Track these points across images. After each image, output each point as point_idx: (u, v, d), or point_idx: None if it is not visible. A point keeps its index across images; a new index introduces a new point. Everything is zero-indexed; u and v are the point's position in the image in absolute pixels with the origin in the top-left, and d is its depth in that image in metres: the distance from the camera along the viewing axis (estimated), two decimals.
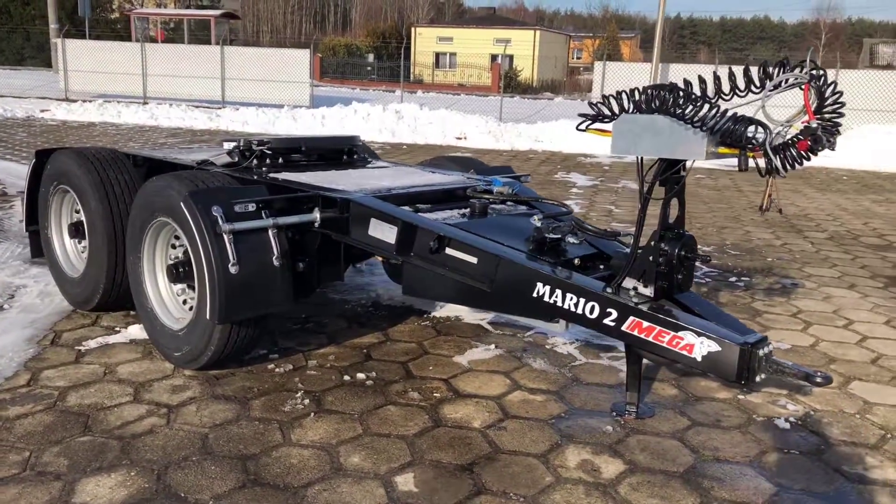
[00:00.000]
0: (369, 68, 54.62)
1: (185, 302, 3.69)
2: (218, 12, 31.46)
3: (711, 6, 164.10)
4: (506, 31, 65.89)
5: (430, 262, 3.18)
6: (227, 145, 4.14)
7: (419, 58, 64.56)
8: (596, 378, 3.69)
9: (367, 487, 2.64)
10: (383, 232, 3.25)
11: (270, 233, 3.26)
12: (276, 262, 3.26)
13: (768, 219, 8.43)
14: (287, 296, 3.36)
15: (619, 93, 2.86)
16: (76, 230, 4.27)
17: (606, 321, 2.83)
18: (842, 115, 2.47)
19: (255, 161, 4.03)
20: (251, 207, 3.21)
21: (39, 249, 4.60)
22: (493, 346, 4.04)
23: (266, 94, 20.11)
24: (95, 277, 4.04)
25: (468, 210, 3.54)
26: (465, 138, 16.19)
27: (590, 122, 2.97)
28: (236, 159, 4.08)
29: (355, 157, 4.59)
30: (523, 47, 63.52)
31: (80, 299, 4.21)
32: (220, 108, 19.11)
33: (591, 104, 2.95)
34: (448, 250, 3.14)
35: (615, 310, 2.80)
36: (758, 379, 2.63)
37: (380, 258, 4.59)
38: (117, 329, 4.07)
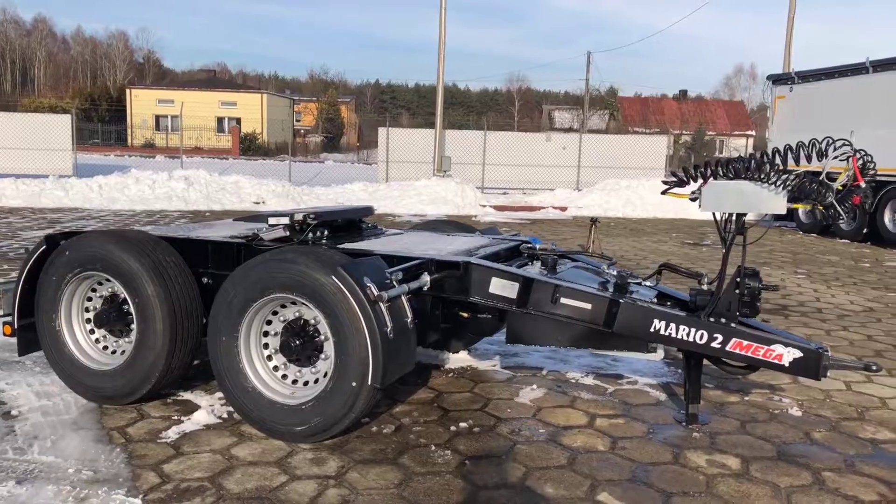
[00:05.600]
0: (88, 132, 50.47)
1: (284, 377, 3.69)
2: None
3: (408, 74, 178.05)
4: (231, 94, 65.27)
5: (548, 312, 3.66)
6: (274, 220, 4.18)
7: (137, 120, 61.17)
8: (638, 400, 4.37)
9: None
10: (504, 289, 3.66)
11: (404, 298, 3.49)
12: (410, 325, 3.50)
13: None
14: (415, 356, 3.60)
15: (696, 165, 3.66)
16: (107, 318, 3.96)
17: (714, 344, 3.55)
18: (875, 179, 3.50)
19: (309, 235, 4.14)
20: (400, 276, 3.42)
21: (30, 345, 4.14)
22: (535, 387, 4.54)
23: (14, 164, 18.03)
24: (149, 366, 3.81)
25: (541, 264, 4.06)
26: (264, 203, 16.12)
27: (670, 187, 3.72)
28: (287, 234, 4.16)
29: (368, 226, 4.84)
30: (250, 110, 63.37)
31: (119, 392, 3.90)
32: None
33: (672, 173, 3.71)
34: (563, 300, 3.65)
35: (721, 334, 3.54)
36: (828, 374, 3.53)
37: None
38: (176, 418, 3.86)
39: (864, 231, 12.98)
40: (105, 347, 4.11)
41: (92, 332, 4.11)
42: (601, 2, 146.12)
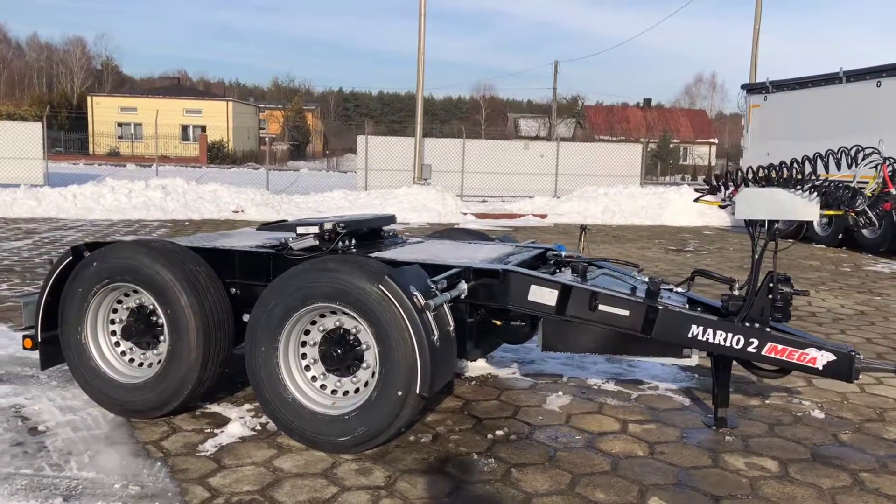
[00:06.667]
0: (51, 140, 49.43)
1: (323, 387, 3.66)
2: None
3: (371, 82, 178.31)
4: (196, 102, 64.40)
5: (586, 319, 3.69)
6: (303, 230, 4.15)
7: (99, 128, 60.02)
8: (664, 405, 4.42)
9: None
10: (543, 296, 3.68)
11: (446, 306, 3.49)
12: (452, 334, 3.50)
13: None
14: (455, 364, 3.60)
15: (726, 173, 3.73)
16: (135, 330, 3.89)
17: (750, 348, 3.62)
18: None
19: (339, 244, 4.12)
20: (444, 284, 3.42)
21: (52, 358, 4.04)
22: (560, 393, 4.56)
23: None
24: (181, 378, 3.74)
25: (571, 271, 4.10)
26: (243, 211, 15.96)
27: (703, 194, 3.79)
28: (317, 243, 4.13)
29: (389, 234, 4.83)
30: (216, 118, 62.60)
31: (149, 406, 3.82)
32: None
33: (705, 180, 3.78)
34: (601, 307, 3.69)
35: (756, 339, 3.61)
36: (860, 376, 3.62)
37: None
38: (209, 431, 3.80)
39: (840, 236, 13.30)
40: (131, 360, 4.03)
41: (118, 344, 4.03)
42: (565, 12, 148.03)
